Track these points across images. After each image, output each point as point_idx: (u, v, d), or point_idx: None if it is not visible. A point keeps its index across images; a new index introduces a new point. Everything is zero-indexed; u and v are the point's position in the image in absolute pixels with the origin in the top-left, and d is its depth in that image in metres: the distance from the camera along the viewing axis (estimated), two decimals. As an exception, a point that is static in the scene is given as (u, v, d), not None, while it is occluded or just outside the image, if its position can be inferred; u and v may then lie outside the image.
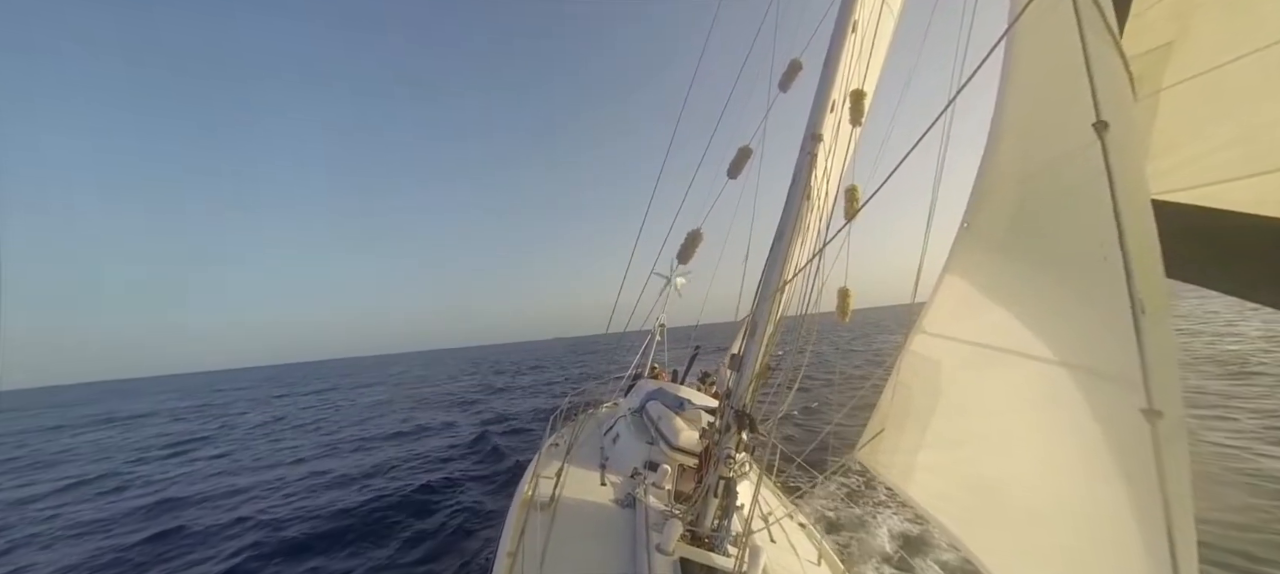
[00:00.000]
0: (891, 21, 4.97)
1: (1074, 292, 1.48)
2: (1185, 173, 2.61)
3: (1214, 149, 2.42)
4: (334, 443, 15.15)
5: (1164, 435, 1.03)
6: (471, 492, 8.53)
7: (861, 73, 4.00)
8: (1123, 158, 1.32)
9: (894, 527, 6.36)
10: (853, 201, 3.13)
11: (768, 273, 3.21)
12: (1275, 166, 2.11)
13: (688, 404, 4.69)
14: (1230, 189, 2.29)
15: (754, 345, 3.02)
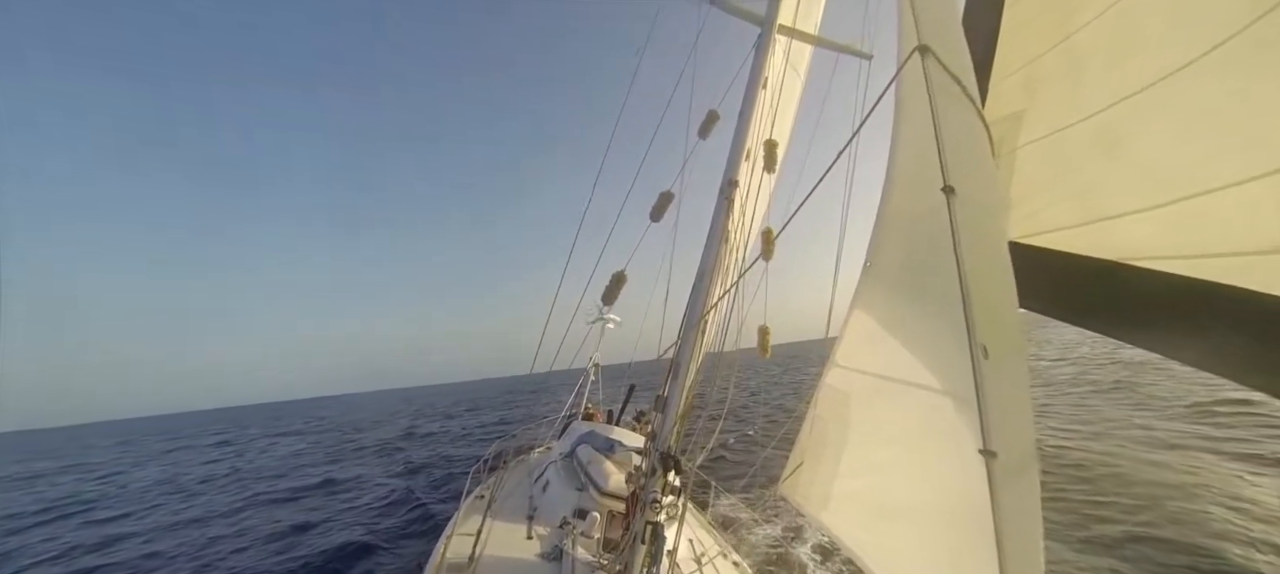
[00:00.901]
0: (798, 82, 5.45)
1: (941, 331, 1.64)
2: (1039, 219, 3.01)
3: (1057, 200, 2.80)
4: (233, 503, 13.48)
5: (998, 474, 1.14)
6: (386, 562, 7.82)
7: (773, 125, 4.32)
8: (974, 212, 1.50)
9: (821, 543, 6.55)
10: (769, 243, 3.31)
11: (689, 313, 3.30)
12: (1099, 217, 2.47)
13: (619, 446, 4.62)
14: (1069, 235, 2.65)
15: (676, 386, 3.06)
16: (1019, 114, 3.26)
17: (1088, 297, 2.56)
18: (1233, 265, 1.90)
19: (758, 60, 4.22)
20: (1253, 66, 1.90)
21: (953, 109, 1.71)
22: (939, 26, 1.88)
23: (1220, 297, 1.92)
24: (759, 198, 3.88)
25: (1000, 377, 1.26)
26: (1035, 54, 3.21)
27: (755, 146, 3.80)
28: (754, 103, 3.99)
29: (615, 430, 5.49)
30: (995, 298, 1.47)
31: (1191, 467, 7.88)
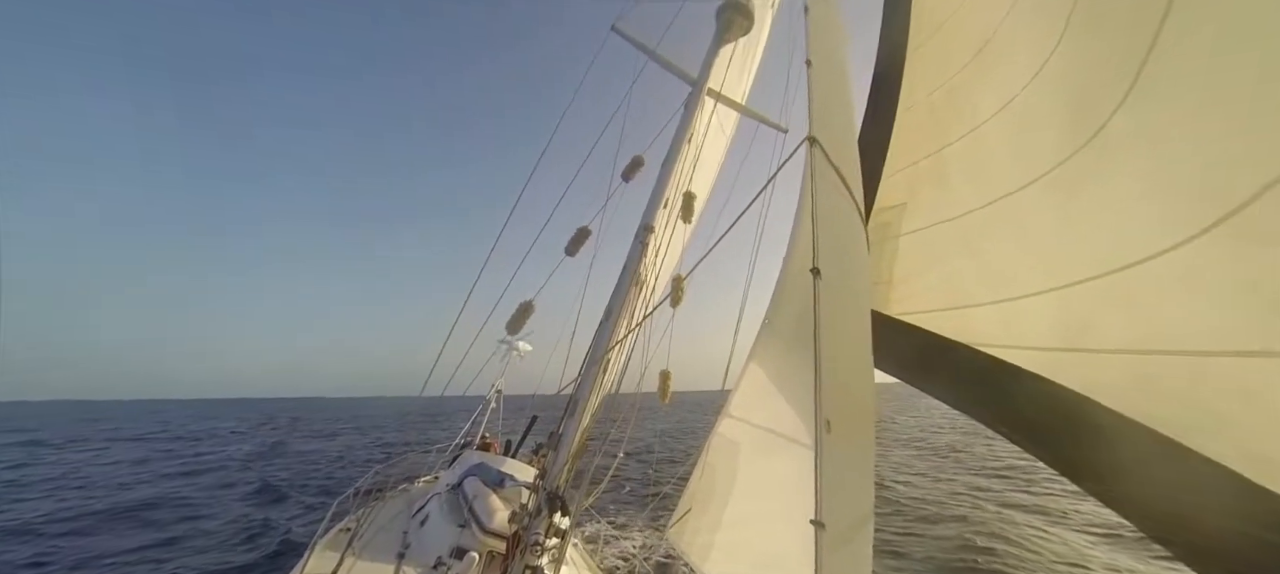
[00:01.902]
0: (722, 141, 5.84)
1: (804, 399, 1.79)
2: (915, 300, 3.39)
3: (929, 285, 3.19)
4: (61, 519, 10.93)
5: (825, 544, 1.24)
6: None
7: (694, 178, 4.55)
8: (838, 294, 1.68)
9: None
10: (678, 290, 3.43)
11: (592, 351, 3.30)
12: (958, 304, 2.85)
13: (510, 480, 4.40)
14: (937, 316, 3.02)
15: (572, 423, 3.02)
16: (903, 205, 3.71)
17: (948, 373, 2.91)
18: (1035, 357, 2.28)
19: (686, 116, 4.47)
20: (1060, 197, 2.32)
21: (832, 197, 1.92)
22: (830, 123, 2.12)
23: (1026, 380, 2.28)
24: (673, 245, 4.03)
25: (840, 451, 1.38)
26: (916, 158, 3.70)
27: (675, 196, 3.97)
28: (678, 155, 4.20)
29: (509, 463, 5.24)
30: (849, 376, 1.62)
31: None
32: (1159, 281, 1.91)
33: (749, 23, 4.62)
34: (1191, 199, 1.80)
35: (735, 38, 4.66)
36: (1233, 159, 1.64)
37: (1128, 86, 2.14)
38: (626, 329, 3.38)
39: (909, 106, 4.16)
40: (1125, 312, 2.11)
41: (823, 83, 2.18)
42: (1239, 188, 1.61)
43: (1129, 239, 2.10)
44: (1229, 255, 1.61)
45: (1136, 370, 2.03)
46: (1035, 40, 2.94)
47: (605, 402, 4.16)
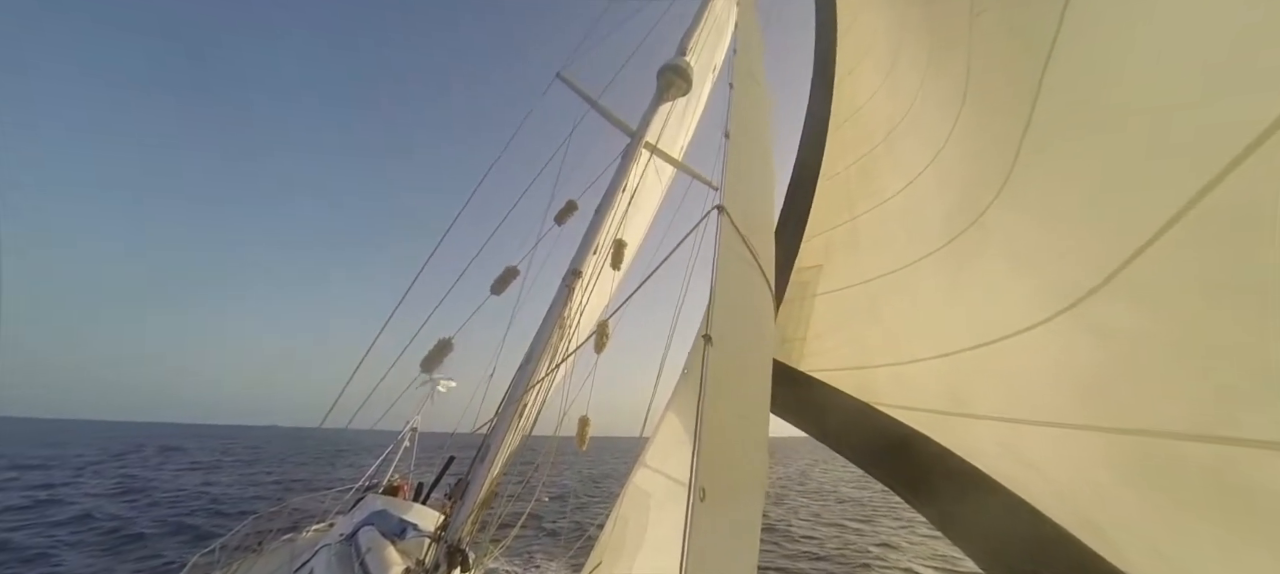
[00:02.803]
0: (658, 193, 6.04)
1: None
2: (827, 358, 3.57)
3: (838, 345, 3.38)
4: None
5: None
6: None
7: (626, 226, 4.64)
8: (729, 362, 1.74)
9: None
10: (602, 335, 3.42)
11: (510, 394, 3.20)
12: (861, 365, 3.03)
13: (412, 529, 4.06)
14: (846, 375, 3.18)
15: (482, 468, 2.87)
16: (819, 267, 3.95)
17: (851, 429, 3.05)
18: (925, 418, 2.45)
19: (622, 166, 4.60)
20: (947, 272, 2.57)
21: (737, 265, 2.02)
22: (741, 192, 2.26)
23: (918, 441, 2.44)
24: (602, 291, 4.05)
25: (712, 519, 1.41)
26: (833, 224, 3.98)
27: (606, 243, 4.02)
28: (612, 203, 4.28)
29: (415, 509, 4.85)
30: (738, 444, 1.67)
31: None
32: (1019, 356, 2.12)
33: (687, 86, 4.89)
34: (1043, 288, 2.04)
35: (674, 98, 4.90)
36: (1073, 259, 1.87)
37: (1000, 186, 2.43)
38: (545, 372, 3.31)
39: (830, 176, 4.50)
40: (996, 381, 2.32)
41: (738, 155, 2.33)
42: (1079, 284, 1.83)
43: (999, 316, 2.33)
44: (1066, 339, 1.83)
45: (1003, 437, 2.22)
46: (932, 133, 3.30)
47: (523, 446, 4.01)
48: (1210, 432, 1.23)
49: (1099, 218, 1.79)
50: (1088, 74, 1.57)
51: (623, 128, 4.87)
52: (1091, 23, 1.46)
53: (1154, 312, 1.39)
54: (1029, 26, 1.85)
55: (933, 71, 3.33)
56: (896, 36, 4.16)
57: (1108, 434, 1.71)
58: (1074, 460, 1.86)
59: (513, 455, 3.62)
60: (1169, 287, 1.29)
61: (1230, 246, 1.06)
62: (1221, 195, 1.02)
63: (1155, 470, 1.49)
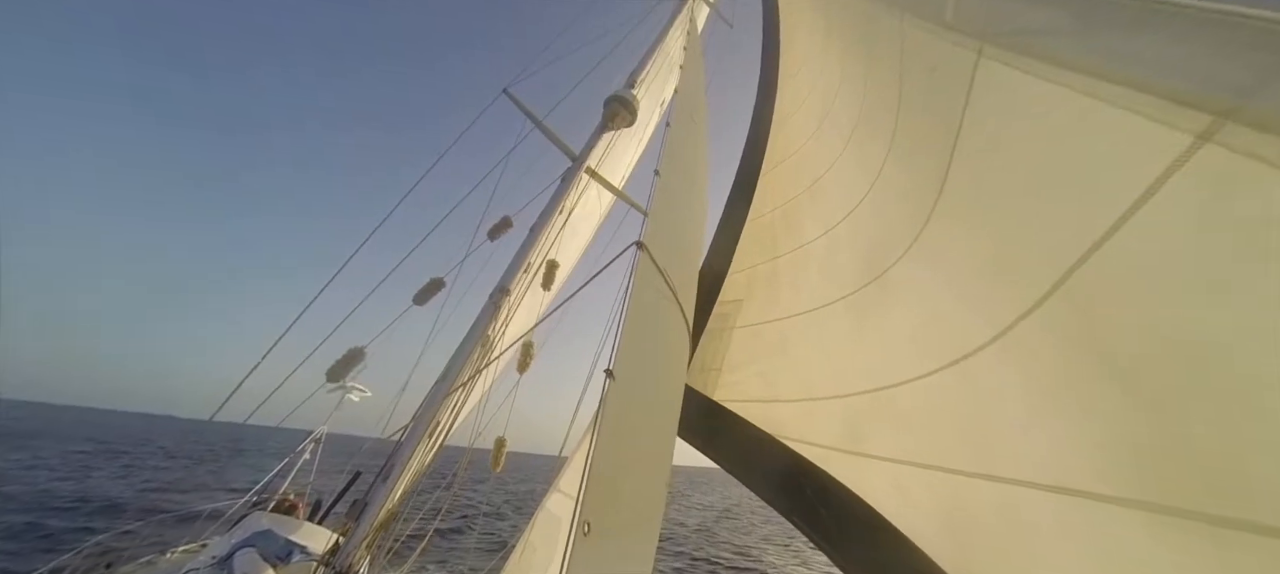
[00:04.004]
0: (597, 217, 6.10)
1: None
2: (740, 388, 3.71)
3: (750, 377, 3.53)
4: None
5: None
6: None
7: (562, 248, 4.64)
8: (630, 398, 1.80)
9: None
10: (526, 356, 3.37)
11: (422, 410, 3.07)
12: (771, 398, 3.18)
13: (300, 552, 3.70)
14: (756, 407, 3.32)
15: (384, 488, 2.72)
16: (740, 302, 4.13)
17: (757, 459, 3.18)
18: (824, 454, 2.61)
19: (562, 188, 4.62)
20: (853, 318, 2.78)
21: (654, 300, 2.10)
22: (664, 230, 2.35)
23: (816, 475, 2.59)
24: (531, 311, 4.01)
25: (597, 553, 1.43)
26: (756, 262, 4.20)
27: (538, 263, 4.00)
28: (548, 223, 4.28)
29: (306, 529, 4.41)
30: (627, 479, 1.71)
31: None
32: (909, 403, 2.32)
33: (632, 117, 5.02)
34: (934, 343, 2.25)
35: (618, 127, 5.01)
36: (962, 320, 2.08)
37: (907, 246, 2.67)
38: (463, 389, 3.21)
39: (757, 216, 4.75)
40: (888, 424, 2.51)
41: (666, 192, 2.43)
42: (965, 343, 2.03)
43: (894, 363, 2.54)
44: (949, 392, 2.03)
45: (893, 476, 2.40)
46: (851, 190, 3.59)
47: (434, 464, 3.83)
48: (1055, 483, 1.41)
49: (988, 287, 2.01)
50: (984, 163, 1.79)
51: (565, 150, 4.90)
52: (985, 120, 1.67)
53: (1023, 374, 1.58)
54: (943, 115, 2.06)
55: (858, 137, 3.63)
56: (830, 99, 4.51)
57: (979, 480, 1.90)
58: (953, 503, 2.05)
59: (421, 475, 3.46)
60: (1036, 353, 1.47)
61: (1086, 323, 1.23)
62: (1076, 280, 1.19)
63: (1013, 514, 1.67)
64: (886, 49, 2.82)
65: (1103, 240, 0.99)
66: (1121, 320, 1.03)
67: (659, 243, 2.15)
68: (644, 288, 2.00)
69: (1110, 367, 1.07)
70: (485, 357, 3.45)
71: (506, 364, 4.15)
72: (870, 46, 3.26)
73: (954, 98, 1.68)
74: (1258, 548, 0.80)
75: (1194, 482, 0.95)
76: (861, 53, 3.54)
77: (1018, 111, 1.32)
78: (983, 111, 1.52)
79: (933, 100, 1.99)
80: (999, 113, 1.43)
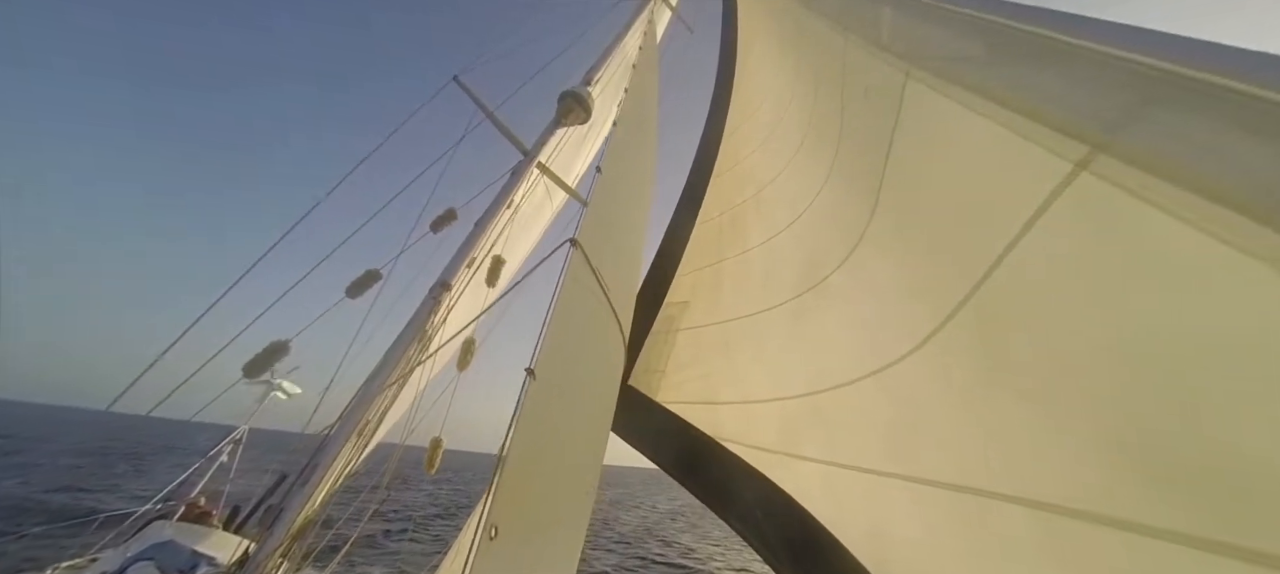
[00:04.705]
0: (548, 214, 6.02)
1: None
2: (682, 391, 3.74)
3: (692, 379, 3.57)
4: None
5: None
6: None
7: (510, 245, 4.55)
8: (559, 397, 1.79)
9: None
10: (467, 354, 3.26)
11: (351, 408, 2.92)
12: (711, 401, 3.23)
13: (207, 564, 3.42)
14: (693, 409, 3.36)
15: (301, 494, 2.56)
16: (686, 303, 4.18)
17: (697, 463, 3.22)
18: (761, 456, 2.67)
19: (511, 182, 4.51)
20: (791, 324, 2.86)
21: (585, 299, 2.09)
22: (601, 229, 2.34)
23: (751, 477, 2.65)
24: (474, 308, 3.89)
25: (506, 557, 1.41)
26: (702, 265, 4.25)
27: (483, 258, 3.89)
28: (495, 218, 4.17)
29: (216, 538, 4.09)
30: (545, 481, 1.69)
31: None
32: (840, 407, 2.42)
33: (586, 115, 4.97)
34: (864, 350, 2.34)
35: (572, 124, 4.95)
36: (884, 333, 2.17)
37: (844, 257, 2.77)
38: (397, 386, 3.07)
39: (706, 220, 4.82)
40: (821, 427, 2.60)
41: (606, 192, 2.42)
42: (890, 352, 2.12)
43: (827, 368, 2.63)
44: (875, 397, 2.12)
45: (824, 478, 2.48)
46: (795, 199, 3.69)
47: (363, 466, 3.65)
48: (960, 483, 1.50)
49: (910, 299, 2.11)
50: (909, 180, 1.88)
51: (516, 144, 4.80)
52: (911, 140, 1.75)
53: (937, 382, 1.66)
54: (876, 133, 2.14)
55: (805, 148, 3.75)
56: (780, 110, 4.63)
57: (897, 480, 1.99)
58: (876, 503, 2.14)
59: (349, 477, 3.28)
60: (948, 364, 1.56)
61: (989, 336, 1.31)
62: (981, 296, 1.27)
63: (926, 513, 1.76)
64: (831, 67, 2.92)
65: (1001, 258, 1.07)
66: (1016, 333, 1.11)
67: (595, 241, 2.14)
68: (575, 287, 1.98)
69: (1007, 376, 1.15)
70: (423, 353, 3.32)
71: (446, 362, 4.02)
72: (817, 63, 3.38)
73: (886, 117, 1.76)
74: (1117, 541, 0.87)
75: (1074, 481, 1.03)
76: (809, 68, 3.66)
77: (937, 133, 1.40)
78: (909, 131, 1.60)
79: (868, 118, 2.08)
80: (922, 133, 1.51)
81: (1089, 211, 0.85)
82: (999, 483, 1.20)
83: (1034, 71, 1.01)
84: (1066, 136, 0.87)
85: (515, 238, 4.73)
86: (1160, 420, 0.80)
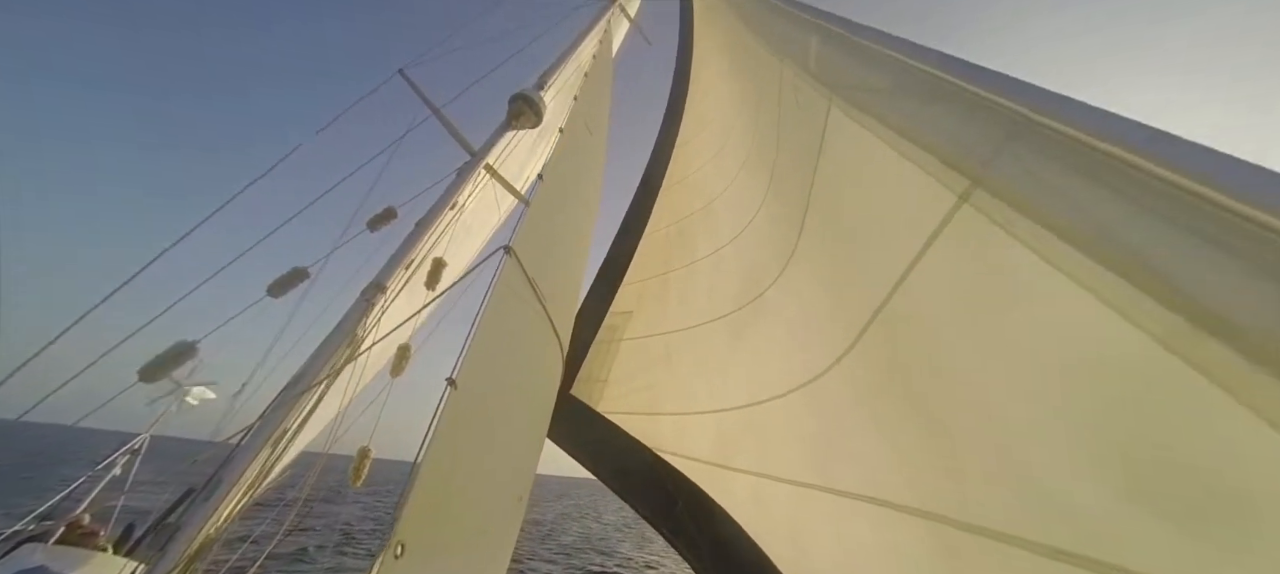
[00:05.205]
0: (495, 219, 5.90)
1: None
2: (626, 401, 3.74)
3: (635, 390, 3.58)
4: None
5: None
6: None
7: (454, 248, 4.42)
8: (481, 409, 1.75)
9: None
10: (401, 360, 3.13)
11: (269, 413, 2.73)
12: (651, 411, 3.25)
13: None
14: (634, 419, 3.37)
15: (203, 509, 2.36)
16: (630, 313, 4.19)
17: (632, 474, 3.22)
18: (696, 468, 2.71)
19: (456, 183, 4.40)
20: (730, 337, 2.92)
21: (517, 307, 2.06)
22: (538, 236, 2.32)
23: (685, 488, 2.68)
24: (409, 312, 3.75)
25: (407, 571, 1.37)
26: (648, 275, 4.29)
27: (422, 259, 3.76)
28: (437, 219, 4.05)
29: (96, 562, 3.67)
30: (461, 495, 1.66)
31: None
32: (771, 419, 2.48)
33: (537, 119, 4.93)
34: (794, 363, 2.42)
35: (522, 127, 4.89)
36: (815, 345, 2.24)
37: (779, 272, 2.86)
38: (322, 390, 2.91)
39: (653, 231, 4.86)
40: (754, 439, 2.66)
41: (546, 199, 2.40)
42: (815, 366, 2.19)
43: (762, 381, 2.70)
44: (802, 410, 2.20)
45: (754, 489, 2.54)
46: (738, 214, 3.79)
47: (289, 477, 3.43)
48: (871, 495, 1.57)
49: (831, 317, 2.19)
50: (830, 203, 1.96)
51: (463, 144, 4.69)
52: (833, 164, 1.84)
53: (852, 397, 1.74)
54: (805, 156, 2.22)
55: (749, 165, 3.85)
56: (729, 126, 4.75)
57: (818, 491, 2.06)
58: (798, 513, 2.20)
59: (267, 490, 3.08)
60: (861, 379, 1.63)
61: (892, 354, 1.38)
62: (884, 316, 1.34)
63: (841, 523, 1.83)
64: (770, 89, 3.03)
65: (901, 281, 1.14)
66: (913, 353, 1.18)
67: (533, 249, 2.11)
68: (508, 295, 1.95)
69: (907, 393, 1.22)
70: (352, 357, 3.16)
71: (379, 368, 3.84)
72: (759, 83, 3.50)
73: (813, 140, 1.84)
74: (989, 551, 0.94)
75: (961, 496, 1.10)
76: (753, 88, 3.79)
77: (852, 158, 1.48)
78: (831, 155, 1.68)
79: (799, 140, 2.17)
80: (841, 158, 1.59)
81: (969, 240, 0.92)
82: (901, 495, 1.27)
83: (929, 107, 1.08)
84: (952, 169, 0.94)
85: (460, 241, 4.60)
86: (1030, 440, 0.87)
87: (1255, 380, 0.52)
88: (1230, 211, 0.54)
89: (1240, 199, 0.54)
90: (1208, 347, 0.55)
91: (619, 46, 9.77)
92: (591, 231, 4.01)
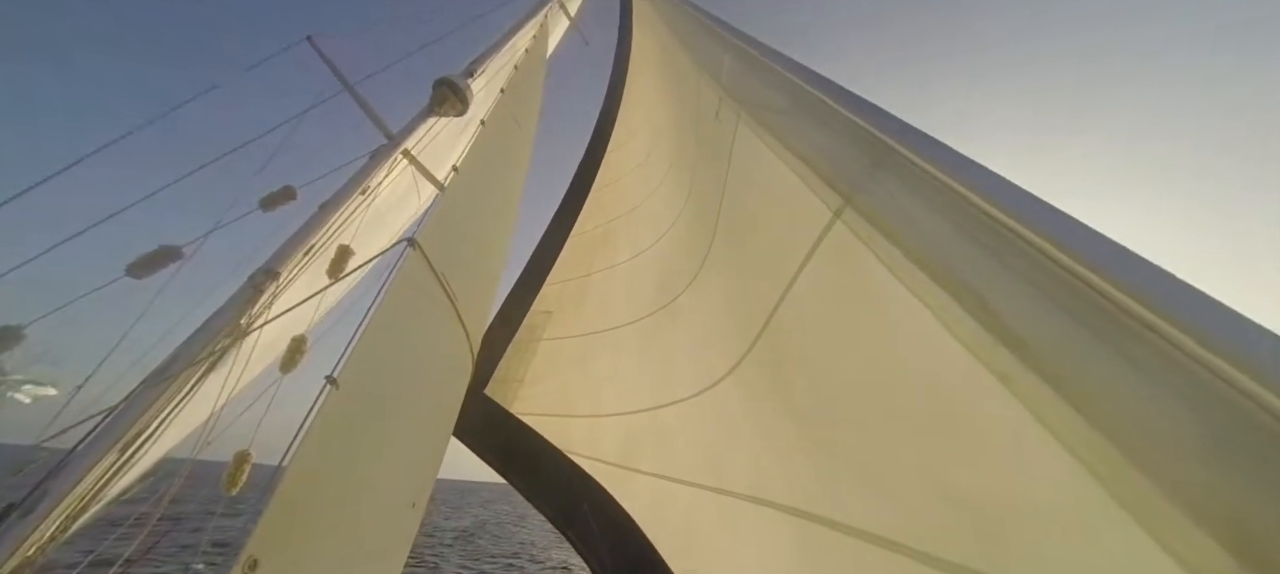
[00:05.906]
0: (412, 212, 5.59)
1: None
2: (539, 402, 3.66)
3: (549, 391, 3.51)
4: None
5: None
6: None
7: (364, 237, 4.12)
8: (373, 411, 1.66)
9: None
10: (294, 352, 2.85)
11: (122, 411, 2.39)
12: (563, 413, 3.21)
13: None
14: (546, 420, 3.31)
15: (23, 526, 2.02)
16: (549, 314, 4.12)
17: (542, 474, 3.15)
18: (603, 469, 2.71)
19: (369, 167, 4.11)
20: (643, 340, 2.95)
21: (421, 303, 1.96)
22: (448, 230, 2.23)
23: (591, 490, 2.67)
24: (307, 301, 3.44)
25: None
26: (570, 276, 4.24)
27: (323, 244, 3.47)
28: (344, 203, 3.76)
29: None
30: (336, 506, 1.56)
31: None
32: (673, 423, 2.53)
33: (463, 107, 4.71)
34: (698, 369, 2.47)
35: (447, 115, 4.67)
36: (711, 356, 2.30)
37: (690, 279, 2.92)
38: (190, 388, 2.59)
39: (581, 231, 4.82)
40: (656, 442, 2.70)
41: (460, 192, 2.30)
42: (715, 372, 2.25)
43: (668, 385, 2.75)
44: (701, 414, 2.25)
45: (655, 492, 2.57)
46: (659, 220, 3.84)
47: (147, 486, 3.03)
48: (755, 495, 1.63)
49: (730, 326, 2.26)
50: (733, 214, 2.03)
51: (378, 124, 4.39)
52: (738, 176, 1.90)
53: (743, 403, 1.80)
54: (717, 167, 2.29)
55: (672, 174, 3.92)
56: (657, 135, 4.82)
57: (709, 492, 2.12)
58: (692, 513, 2.25)
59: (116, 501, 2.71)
60: (752, 387, 1.69)
61: (777, 363, 1.45)
62: (772, 326, 1.40)
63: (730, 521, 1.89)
64: (692, 102, 3.11)
65: (785, 292, 1.20)
66: (793, 362, 1.25)
67: (442, 243, 2.01)
68: (409, 290, 1.84)
69: (788, 400, 1.28)
70: (234, 347, 2.84)
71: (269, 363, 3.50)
72: (686, 95, 3.58)
73: (722, 153, 1.91)
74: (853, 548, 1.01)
75: (830, 496, 1.17)
76: (680, 98, 3.87)
77: (753, 170, 1.55)
78: (737, 167, 1.75)
79: (712, 153, 2.24)
80: (744, 171, 1.66)
81: (841, 256, 0.99)
82: (780, 496, 1.33)
83: (816, 128, 1.16)
84: (829, 187, 1.01)
85: (372, 230, 4.29)
86: (879, 445, 0.94)
87: (1041, 394, 0.59)
88: (1036, 249, 0.62)
89: (1040, 235, 0.62)
90: (1004, 359, 0.63)
91: (556, 44, 9.62)
92: (512, 228, 3.91)
